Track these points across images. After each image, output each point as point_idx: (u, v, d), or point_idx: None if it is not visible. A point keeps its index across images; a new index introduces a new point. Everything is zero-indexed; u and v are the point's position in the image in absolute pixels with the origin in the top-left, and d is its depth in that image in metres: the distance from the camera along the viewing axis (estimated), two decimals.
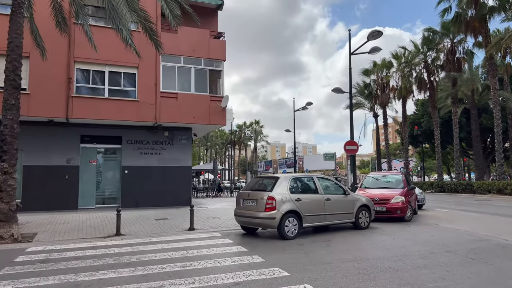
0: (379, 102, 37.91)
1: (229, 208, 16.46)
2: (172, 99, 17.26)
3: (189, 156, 18.86)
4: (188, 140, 18.81)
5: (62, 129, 16.48)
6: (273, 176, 9.74)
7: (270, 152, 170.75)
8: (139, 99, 16.62)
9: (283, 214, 8.81)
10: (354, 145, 16.24)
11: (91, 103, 15.93)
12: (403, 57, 35.10)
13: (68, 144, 16.57)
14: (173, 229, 10.82)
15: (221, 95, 18.22)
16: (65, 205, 16.21)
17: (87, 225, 11.49)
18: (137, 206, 17.27)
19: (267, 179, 9.99)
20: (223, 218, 12.86)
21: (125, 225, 11.33)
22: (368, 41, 16.20)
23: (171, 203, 17.83)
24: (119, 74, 16.73)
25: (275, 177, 9.44)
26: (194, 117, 17.43)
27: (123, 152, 17.50)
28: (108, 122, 16.81)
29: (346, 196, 10.28)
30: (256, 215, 8.98)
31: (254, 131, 72.90)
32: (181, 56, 17.64)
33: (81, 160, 16.83)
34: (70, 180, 16.42)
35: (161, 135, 18.12)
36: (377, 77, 37.95)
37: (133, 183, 17.39)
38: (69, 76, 15.67)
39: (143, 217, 13.34)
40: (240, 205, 9.58)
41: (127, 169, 17.42)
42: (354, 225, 10.43)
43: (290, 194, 9.09)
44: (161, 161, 18.06)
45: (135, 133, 17.72)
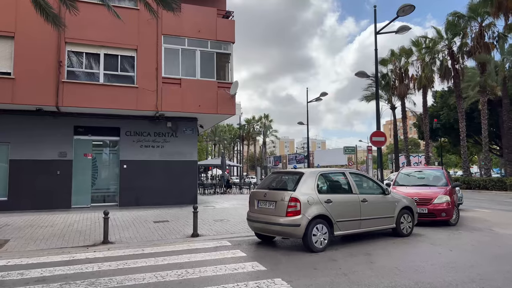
0: (397, 93, 35.68)
1: (238, 208, 14.61)
2: (175, 86, 15.42)
3: (195, 150, 17.03)
4: (194, 132, 16.98)
5: (53, 119, 14.75)
6: (296, 172, 7.83)
7: (279, 148, 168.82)
8: (138, 86, 14.81)
9: (310, 220, 6.93)
10: (382, 136, 14.25)
11: (84, 89, 14.15)
12: (424, 44, 32.80)
13: (60, 136, 14.85)
14: (173, 234, 9.00)
15: (229, 81, 16.33)
16: (56, 203, 14.52)
17: (73, 229, 9.73)
18: (137, 205, 15.52)
19: (288, 175, 8.11)
20: (233, 221, 11.01)
21: (117, 230, 9.54)
22: (398, 17, 14.13)
23: (174, 201, 16.06)
24: (115, 57, 14.91)
25: (299, 173, 7.54)
26: (200, 105, 15.58)
27: (121, 145, 15.74)
28: (105, 112, 15.04)
29: (385, 196, 8.35)
30: (275, 221, 7.10)
31: (263, 126, 70.95)
32: (185, 38, 15.76)
33: (74, 154, 15.10)
34: (62, 176, 14.71)
35: (164, 126, 16.31)
36: (395, 66, 35.68)
37: (133, 179, 15.65)
38: (60, 59, 13.90)
39: (141, 218, 11.56)
40: (255, 208, 7.71)
41: (126, 163, 15.67)
42: (395, 231, 8.50)
43: (318, 194, 7.19)
44: (163, 155, 16.26)
45: (135, 124, 15.94)
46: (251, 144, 77.32)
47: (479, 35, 26.84)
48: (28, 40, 13.60)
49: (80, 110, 14.58)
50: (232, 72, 16.42)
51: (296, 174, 7.63)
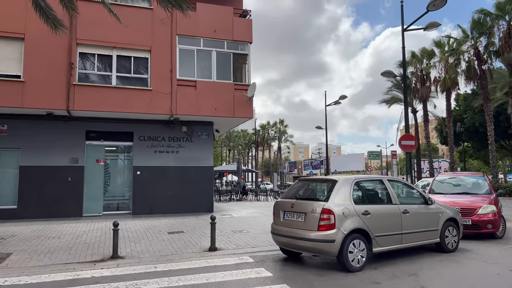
0: (419, 96, 34.34)
1: (257, 217, 13.74)
2: (191, 88, 14.71)
3: (211, 155, 16.27)
4: (209, 137, 16.22)
5: (64, 124, 14.19)
6: (327, 179, 6.92)
7: (293, 153, 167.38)
8: (152, 88, 14.15)
9: (346, 234, 6.01)
10: (412, 140, 13.21)
11: (96, 92, 13.56)
12: (447, 45, 31.49)
13: (72, 141, 14.27)
14: (189, 248, 8.17)
15: (247, 83, 15.55)
16: (67, 212, 13.90)
17: (82, 241, 9.00)
18: (151, 213, 14.80)
19: (318, 183, 7.23)
20: (253, 232, 10.13)
21: (128, 242, 8.77)
22: (428, 12, 13.16)
23: (190, 209, 15.29)
24: (128, 58, 14.30)
25: (331, 180, 6.63)
26: (216, 108, 14.82)
27: (134, 150, 15.08)
28: (117, 116, 14.42)
29: (428, 207, 7.37)
30: (304, 236, 6.21)
31: (278, 131, 69.98)
32: (201, 38, 15.07)
33: (86, 160, 14.50)
34: (73, 183, 14.10)
35: (179, 131, 15.60)
36: (416, 68, 34.39)
37: (147, 186, 14.95)
38: (71, 61, 13.36)
39: (155, 229, 10.79)
40: (280, 220, 6.83)
41: (139, 170, 14.99)
42: (438, 246, 7.50)
43: (355, 205, 6.27)
44: (178, 160, 15.54)
45: (149, 128, 15.27)
46: (265, 150, 76.39)
47: (507, 34, 25.47)
48: (38, 42, 13.09)
49: (92, 114, 13.99)
50: (249, 74, 15.64)
51: (327, 182, 6.73)
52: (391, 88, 37.88)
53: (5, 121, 13.54)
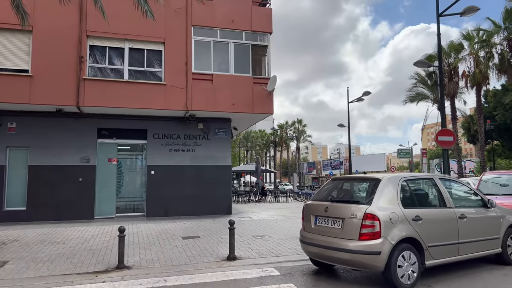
0: (446, 92, 32.51)
1: (279, 220, 12.70)
2: (207, 82, 13.81)
3: (229, 154, 15.32)
4: (227, 134, 15.28)
5: (74, 121, 13.49)
6: (368, 178, 5.82)
7: (311, 154, 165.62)
8: (166, 83, 13.31)
9: (394, 245, 4.92)
10: (450, 135, 11.94)
11: (107, 87, 12.80)
12: (476, 37, 29.72)
13: (83, 139, 13.56)
14: (205, 256, 7.21)
15: (267, 76, 14.54)
16: (78, 214, 13.19)
17: (87, 247, 8.16)
18: (166, 215, 13.96)
19: (356, 183, 6.16)
20: (276, 238, 9.10)
21: (137, 249, 7.88)
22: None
23: (207, 211, 14.38)
24: (141, 51, 13.50)
25: (373, 179, 5.53)
26: (233, 104, 13.86)
27: (148, 148, 14.27)
28: (130, 112, 13.65)
29: (488, 211, 6.18)
30: (342, 246, 5.14)
31: (296, 131, 68.69)
32: (217, 29, 14.15)
33: (98, 159, 13.77)
34: (84, 183, 13.39)
35: (195, 128, 14.72)
36: (443, 63, 32.64)
37: (161, 187, 14.11)
38: (81, 54, 12.64)
39: (168, 233, 9.89)
40: (311, 226, 5.77)
41: (153, 169, 14.17)
42: (500, 258, 6.30)
43: (403, 209, 5.18)
44: (194, 159, 14.66)
45: (163, 125, 14.44)
46: (284, 150, 75.22)
47: None
48: (47, 34, 12.43)
49: (104, 110, 13.25)
50: (269, 66, 14.62)
51: (368, 181, 5.65)
52: (416, 84, 36.11)
53: (14, 118, 12.93)
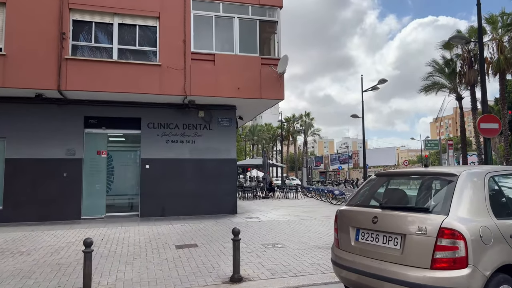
0: (466, 81, 30.47)
1: (291, 221, 10.96)
2: (208, 63, 12.06)
3: (233, 146, 13.59)
4: (232, 124, 13.54)
5: (58, 109, 11.84)
6: (435, 172, 3.99)
7: (318, 148, 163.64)
8: (162, 63, 11.59)
9: (489, 277, 3.16)
10: (494, 122, 10.07)
11: (94, 68, 11.10)
12: (501, 21, 27.60)
13: (68, 129, 11.91)
14: (201, 276, 5.50)
15: (277, 56, 12.75)
16: (63, 213, 11.58)
17: (54, 260, 6.49)
18: (162, 215, 12.31)
19: (417, 179, 4.32)
20: (292, 247, 7.36)
21: (117, 263, 6.19)
22: None
23: (209, 210, 12.72)
24: (133, 27, 11.78)
25: (445, 174, 3.71)
26: (239, 88, 12.10)
27: (143, 139, 12.59)
28: (121, 98, 11.97)
29: None
30: (401, 277, 3.36)
31: (304, 124, 66.73)
32: (220, 2, 12.36)
33: (85, 151, 12.13)
34: (70, 179, 11.76)
35: (195, 116, 13.01)
36: (463, 50, 30.56)
37: (157, 183, 12.45)
38: (62, 30, 10.93)
39: (160, 239, 8.20)
40: (351, 243, 3.98)
41: (148, 163, 12.50)
42: None
43: (496, 220, 3.41)
44: (195, 152, 12.96)
45: (159, 113, 12.74)
46: (291, 144, 73.35)
47: None
48: (23, 7, 10.73)
49: (90, 96, 11.57)
50: (279, 45, 12.82)
51: (438, 178, 3.85)
52: (432, 73, 34.00)
53: None
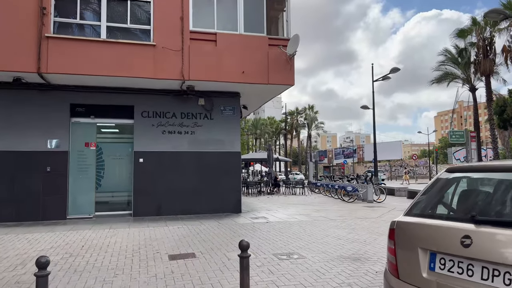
0: (481, 71, 28.91)
1: (304, 222, 9.63)
2: (209, 44, 10.69)
3: (237, 137, 12.25)
4: (235, 113, 12.19)
5: (39, 95, 10.53)
6: None
7: (320, 142, 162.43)
8: (156, 43, 10.22)
9: None
10: None
11: (79, 48, 9.74)
12: None
13: (51, 118, 10.60)
14: None
15: (286, 36, 11.37)
16: (46, 213, 10.31)
17: (14, 276, 5.18)
18: (158, 214, 11.03)
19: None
20: (311, 258, 6.02)
21: (92, 281, 4.87)
22: None
23: (210, 208, 11.44)
24: (123, 2, 10.38)
25: None
26: (243, 72, 10.74)
27: (136, 130, 11.27)
28: (111, 83, 10.64)
29: None
30: None
31: (308, 117, 65.27)
32: None
33: (71, 143, 10.84)
34: (54, 174, 10.47)
35: (194, 104, 11.68)
36: (478, 38, 28.98)
37: (153, 179, 11.15)
38: (42, 4, 9.56)
39: (152, 246, 6.90)
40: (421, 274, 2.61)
41: (142, 156, 11.19)
42: None
43: None
44: (194, 144, 11.64)
45: (154, 100, 11.41)
46: (294, 138, 71.95)
47: None
48: None
49: (77, 80, 10.23)
50: (289, 24, 11.41)
51: None
52: (444, 62, 32.42)
53: None
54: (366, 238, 7.52)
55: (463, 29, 30.02)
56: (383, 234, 7.89)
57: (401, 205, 14.08)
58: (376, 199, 15.38)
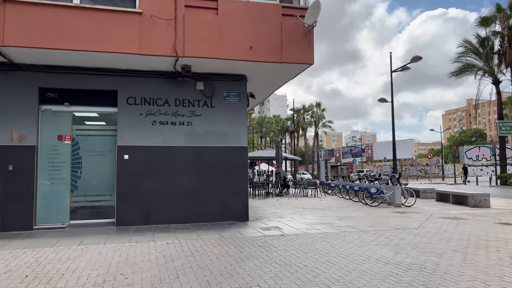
0: (506, 62, 26.72)
1: (330, 234, 7.50)
2: (209, 13, 8.64)
3: (244, 129, 10.16)
4: (241, 100, 10.12)
5: (1, 77, 8.54)
6: None
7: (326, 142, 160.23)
8: (143, 10, 8.18)
9: None
10: None
11: (46, 16, 7.73)
12: None
13: (15, 105, 8.61)
14: None
15: (303, 4, 9.30)
16: (8, 222, 8.33)
17: None
18: (147, 223, 9.01)
19: None
20: None
21: None
22: None
23: (211, 216, 9.41)
24: None
25: None
26: (251, 47, 8.69)
27: (120, 120, 9.23)
28: (90, 62, 8.63)
29: None
30: None
31: (315, 115, 63.06)
32: None
33: (41, 136, 8.84)
34: (18, 174, 8.48)
35: (192, 89, 9.64)
36: (503, 26, 26.75)
37: (140, 179, 9.12)
38: None
39: (122, 276, 4.85)
40: None
41: (128, 152, 9.16)
42: None
43: None
44: (192, 137, 9.59)
45: (143, 84, 9.38)
46: (301, 137, 69.78)
47: None
48: None
49: (46, 57, 8.22)
50: None
51: None
52: (464, 53, 30.20)
53: None
54: (422, 262, 5.43)
55: (486, 17, 27.84)
56: (443, 256, 5.80)
57: (437, 210, 11.95)
58: (404, 202, 13.25)
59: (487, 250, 6.18)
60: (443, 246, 6.51)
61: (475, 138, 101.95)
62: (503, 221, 9.50)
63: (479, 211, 11.57)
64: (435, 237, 7.34)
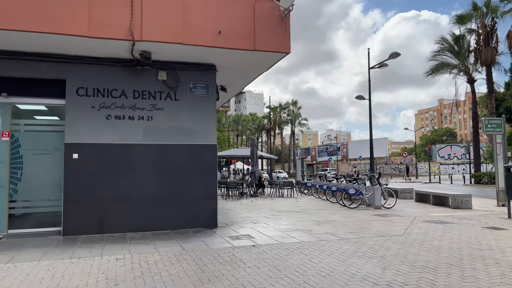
0: (482, 60, 26.75)
1: (307, 243, 6.58)
2: None
3: (213, 125, 9.13)
4: (210, 92, 9.07)
5: None
6: None
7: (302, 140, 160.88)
8: None
9: None
10: None
11: None
12: None
13: None
14: None
15: None
16: None
17: None
18: (100, 232, 7.86)
19: None
20: None
21: None
22: None
23: (175, 222, 8.35)
24: None
25: None
26: (220, 32, 7.68)
27: (69, 113, 8.02)
28: (32, 45, 7.39)
29: None
30: None
31: (292, 113, 62.56)
32: None
33: None
34: None
35: (153, 80, 8.52)
36: (480, 24, 26.76)
37: (92, 182, 7.95)
38: None
39: None
40: None
41: (77, 150, 7.96)
42: None
43: None
44: (153, 133, 8.48)
45: (95, 73, 8.18)
46: (277, 135, 69.19)
47: None
48: None
49: None
50: None
51: None
52: (440, 52, 30.13)
53: None
54: (416, 281, 4.60)
55: (462, 15, 27.79)
56: (437, 272, 4.99)
57: (418, 212, 11.30)
58: (384, 203, 12.59)
59: (485, 263, 5.43)
60: (435, 258, 5.72)
61: (446, 137, 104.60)
62: (490, 225, 8.89)
63: (462, 213, 10.98)
64: (424, 246, 6.57)
